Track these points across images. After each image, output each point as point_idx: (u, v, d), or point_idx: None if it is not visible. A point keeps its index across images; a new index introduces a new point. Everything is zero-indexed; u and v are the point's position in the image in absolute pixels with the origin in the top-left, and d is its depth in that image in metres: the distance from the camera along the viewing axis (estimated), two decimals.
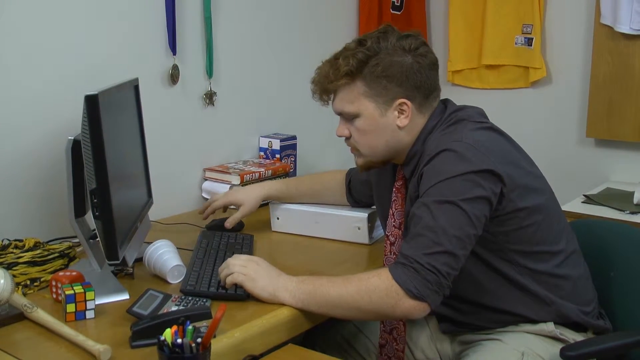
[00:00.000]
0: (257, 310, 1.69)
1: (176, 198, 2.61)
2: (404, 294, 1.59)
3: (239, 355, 1.53)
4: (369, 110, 1.78)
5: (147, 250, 1.91)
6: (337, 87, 1.79)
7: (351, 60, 1.75)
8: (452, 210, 1.62)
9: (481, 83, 3.54)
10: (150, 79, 2.45)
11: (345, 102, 1.79)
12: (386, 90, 1.76)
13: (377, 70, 1.75)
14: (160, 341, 1.29)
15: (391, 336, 1.91)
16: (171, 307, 1.64)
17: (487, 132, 1.77)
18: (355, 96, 1.78)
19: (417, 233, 1.63)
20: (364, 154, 1.84)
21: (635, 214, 2.69)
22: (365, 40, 1.78)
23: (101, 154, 1.62)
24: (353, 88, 1.77)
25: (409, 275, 1.59)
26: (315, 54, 3.15)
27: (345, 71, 1.76)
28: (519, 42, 3.38)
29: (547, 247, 1.78)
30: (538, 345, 1.76)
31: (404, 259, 1.62)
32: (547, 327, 1.78)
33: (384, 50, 1.76)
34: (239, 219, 2.20)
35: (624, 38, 3.08)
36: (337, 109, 1.83)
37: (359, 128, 1.80)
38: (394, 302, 1.60)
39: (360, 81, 1.76)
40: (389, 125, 1.79)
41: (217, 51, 2.69)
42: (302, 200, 2.27)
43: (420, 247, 1.61)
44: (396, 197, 1.89)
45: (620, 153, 3.26)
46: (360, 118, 1.79)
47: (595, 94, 3.20)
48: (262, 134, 2.94)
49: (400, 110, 1.79)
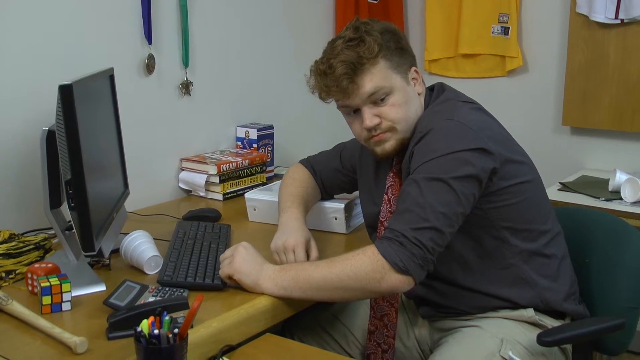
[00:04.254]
0: (235, 300, 1.69)
1: (153, 188, 2.60)
2: (390, 267, 1.60)
3: (216, 345, 1.53)
4: (399, 82, 1.79)
5: (124, 241, 1.90)
6: (370, 64, 1.74)
7: (374, 37, 1.75)
8: (441, 188, 1.63)
9: (458, 72, 3.55)
10: (125, 69, 2.43)
11: (378, 80, 1.75)
12: (403, 61, 1.80)
13: (390, 44, 1.78)
14: (137, 332, 1.29)
15: (382, 322, 1.91)
16: (148, 298, 1.63)
17: (478, 112, 1.81)
18: (386, 72, 1.77)
19: (405, 209, 1.65)
20: (400, 129, 1.79)
21: (610, 201, 2.72)
22: (358, 28, 1.77)
23: (76, 145, 1.61)
24: (378, 66, 1.76)
25: (394, 248, 1.61)
26: (292, 43, 3.17)
27: (378, 45, 1.74)
28: (495, 31, 3.39)
29: (536, 226, 1.81)
30: (516, 332, 1.77)
31: (390, 233, 1.63)
32: (526, 313, 1.80)
33: (380, 29, 1.78)
34: (317, 251, 1.93)
35: (599, 27, 3.10)
36: (369, 90, 1.75)
37: (394, 104, 1.78)
38: (380, 276, 1.61)
39: (382, 58, 1.76)
40: (414, 94, 1.83)
41: (193, 40, 2.68)
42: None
43: (407, 221, 1.62)
44: (393, 181, 1.89)
45: (595, 141, 3.29)
46: (394, 92, 1.78)
47: (571, 82, 3.23)
48: (239, 124, 2.93)
49: (413, 78, 1.84)
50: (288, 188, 2.09)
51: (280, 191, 2.11)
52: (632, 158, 3.18)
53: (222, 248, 1.96)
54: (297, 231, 1.91)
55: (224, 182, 2.62)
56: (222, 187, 2.62)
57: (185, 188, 2.70)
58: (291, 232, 1.90)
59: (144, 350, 1.28)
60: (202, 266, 1.83)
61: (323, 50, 1.82)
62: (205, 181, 2.63)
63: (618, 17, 3.02)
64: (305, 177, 2.15)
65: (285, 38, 3.15)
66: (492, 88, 3.47)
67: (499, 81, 3.47)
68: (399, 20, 3.59)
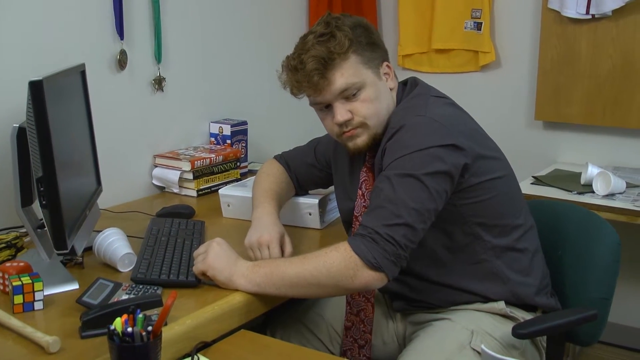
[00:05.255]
0: (209, 296, 1.69)
1: (126, 185, 2.58)
2: (363, 264, 1.61)
3: (191, 342, 1.52)
4: (370, 77, 1.79)
5: (97, 238, 1.88)
6: (341, 59, 1.74)
7: (344, 32, 1.74)
8: (413, 184, 1.64)
9: (431, 67, 3.56)
10: (97, 65, 2.41)
11: (349, 76, 1.75)
12: (374, 56, 1.81)
13: (361, 39, 1.77)
14: (110, 330, 1.27)
15: (358, 318, 1.91)
16: (122, 295, 1.62)
17: (450, 108, 1.81)
18: (357, 67, 1.77)
19: (377, 205, 1.65)
20: (372, 125, 1.79)
21: (582, 194, 2.75)
22: (329, 23, 1.77)
23: (47, 142, 1.59)
24: (349, 61, 1.76)
25: (367, 245, 1.61)
26: (266, 38, 3.16)
27: (349, 40, 1.74)
28: (468, 27, 3.41)
29: (508, 221, 1.81)
30: (487, 323, 1.78)
31: (363, 230, 1.64)
32: (497, 306, 1.81)
33: (351, 24, 1.78)
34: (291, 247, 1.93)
35: (571, 22, 3.12)
36: (340, 86, 1.75)
37: (365, 99, 1.77)
38: (353, 273, 1.61)
39: (353, 53, 1.76)
40: (386, 89, 1.84)
41: (165, 36, 2.66)
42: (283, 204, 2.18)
43: (380, 218, 1.63)
44: (367, 176, 1.89)
45: (567, 135, 3.32)
46: (365, 88, 1.77)
47: (543, 77, 3.25)
48: (213, 120, 2.92)
49: (385, 73, 1.84)
50: (262, 184, 2.09)
51: (254, 187, 2.10)
52: (604, 152, 3.22)
53: (196, 244, 1.95)
54: (271, 227, 1.91)
55: (197, 178, 2.61)
56: (195, 183, 2.61)
57: (159, 185, 2.69)
58: (265, 228, 1.90)
59: (117, 349, 1.27)
60: (176, 263, 1.82)
61: (295, 45, 1.81)
62: (178, 177, 2.61)
63: (589, 12, 3.04)
64: (279, 173, 2.15)
65: (259, 33, 3.14)
66: (465, 83, 3.48)
67: (472, 76, 3.49)
68: (372, 15, 3.59)
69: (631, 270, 3.26)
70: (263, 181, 2.10)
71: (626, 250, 3.41)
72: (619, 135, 3.18)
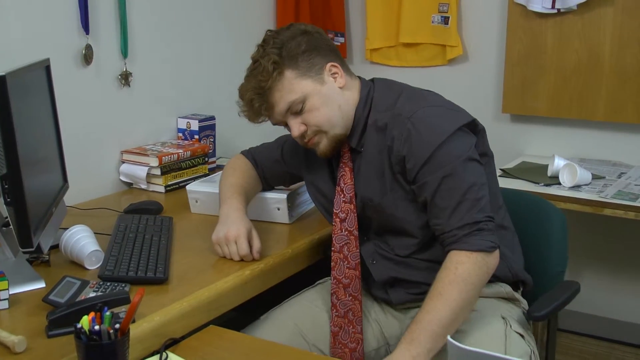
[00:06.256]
0: (177, 293, 1.68)
1: (93, 182, 2.55)
2: (487, 254, 1.68)
3: (159, 339, 1.51)
4: (309, 87, 1.81)
5: (64, 236, 1.86)
6: (273, 83, 1.79)
7: (269, 56, 1.80)
8: (469, 165, 1.74)
9: (399, 61, 3.57)
10: (62, 60, 2.38)
11: (287, 94, 1.80)
12: (311, 63, 1.82)
13: (295, 51, 1.80)
14: (77, 329, 1.26)
15: (346, 319, 1.89)
16: (89, 293, 1.61)
17: (432, 94, 1.91)
18: (291, 83, 1.80)
19: (457, 202, 1.70)
20: (327, 129, 1.83)
21: (549, 186, 2.78)
22: (266, 42, 1.84)
23: (11, 138, 1.57)
24: (284, 79, 1.80)
25: (479, 237, 1.68)
26: (233, 33, 3.14)
27: (273, 63, 1.78)
28: (435, 21, 3.42)
29: (495, 199, 1.89)
30: (504, 309, 1.84)
31: (465, 230, 1.68)
32: (504, 289, 1.88)
33: (286, 38, 1.82)
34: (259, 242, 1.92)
35: (537, 17, 3.15)
36: (283, 107, 1.81)
37: (311, 108, 1.81)
38: (486, 267, 1.69)
39: (287, 69, 1.80)
40: (333, 90, 1.84)
41: (132, 30, 2.64)
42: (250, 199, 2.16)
43: (469, 211, 1.70)
44: (344, 171, 1.90)
45: (534, 128, 3.35)
46: (308, 99, 1.81)
47: (510, 71, 3.28)
48: (180, 115, 2.90)
49: (333, 73, 1.85)
50: (228, 179, 2.08)
51: (221, 182, 2.10)
52: (570, 144, 3.26)
53: (164, 241, 1.95)
54: (238, 222, 1.91)
55: (165, 174, 2.59)
56: (163, 179, 2.59)
57: (126, 181, 2.67)
58: (232, 223, 1.90)
59: (84, 347, 1.26)
60: (144, 259, 1.80)
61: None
62: (146, 173, 2.59)
63: (555, 6, 3.07)
64: (246, 168, 2.15)
65: (227, 27, 3.12)
66: (433, 77, 3.49)
67: (440, 70, 3.50)
68: (340, 9, 3.59)
69: (595, 257, 3.31)
70: (230, 176, 2.10)
71: (590, 239, 3.46)
72: (585, 128, 3.22)
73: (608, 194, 2.66)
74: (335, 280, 1.91)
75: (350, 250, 1.90)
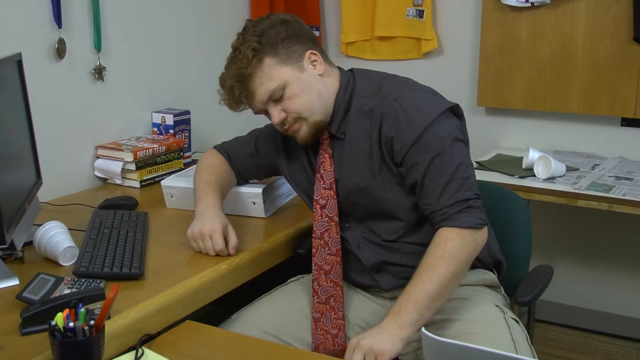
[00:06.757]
0: (153, 288, 1.67)
1: (67, 178, 2.53)
2: (475, 230, 1.72)
3: (135, 335, 1.51)
4: (289, 74, 1.82)
5: (37, 232, 1.85)
6: (252, 70, 1.80)
7: (249, 44, 1.80)
8: (456, 146, 1.78)
9: (374, 54, 3.57)
10: (34, 54, 2.35)
11: (267, 81, 1.81)
12: (291, 50, 1.83)
13: (274, 39, 1.82)
14: (52, 326, 1.26)
15: (328, 305, 1.89)
16: (64, 290, 1.59)
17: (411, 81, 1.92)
18: (271, 70, 1.81)
19: (446, 182, 1.74)
20: (307, 116, 1.84)
21: (524, 178, 2.80)
22: (246, 30, 1.85)
23: None
24: (264, 67, 1.81)
25: (468, 214, 1.72)
26: (208, 26, 3.13)
27: (252, 50, 1.79)
28: (410, 14, 3.42)
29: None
30: (491, 296, 1.89)
31: (455, 207, 1.72)
32: (488, 277, 1.92)
33: (266, 27, 1.83)
34: (235, 237, 1.91)
35: (511, 10, 3.16)
36: (264, 94, 1.82)
37: (291, 95, 1.82)
38: (474, 243, 1.72)
39: (266, 56, 1.81)
40: (313, 77, 1.85)
41: (105, 24, 2.61)
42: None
43: (457, 189, 1.73)
44: (324, 158, 1.91)
45: (509, 120, 3.37)
46: (288, 86, 1.82)
47: (485, 64, 3.29)
48: (155, 109, 2.88)
49: (312, 61, 1.86)
50: (203, 175, 2.08)
51: (195, 179, 2.09)
52: (545, 136, 3.28)
53: (140, 236, 1.93)
54: (214, 218, 1.91)
55: (140, 169, 2.58)
56: (139, 174, 2.57)
57: (101, 176, 2.65)
58: (208, 219, 1.90)
59: (59, 345, 1.25)
60: (119, 255, 1.79)
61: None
62: (121, 169, 2.57)
63: (528, 0, 3.09)
64: (220, 163, 2.14)
65: (201, 21, 3.10)
66: (409, 70, 3.45)
67: (415, 63, 3.51)
68: (315, 2, 3.58)
69: (569, 248, 3.34)
70: (204, 172, 2.09)
71: (565, 230, 3.49)
72: (559, 120, 3.25)
73: (582, 185, 2.69)
74: (317, 266, 1.91)
75: (331, 237, 1.90)
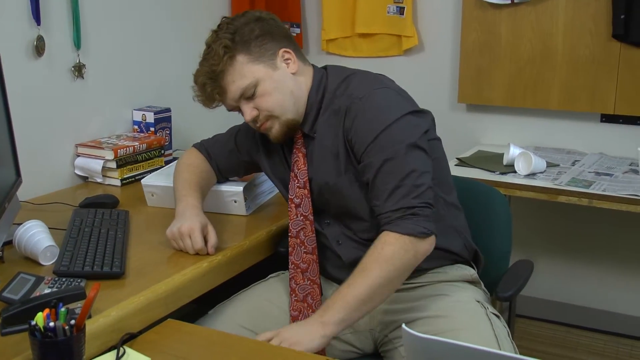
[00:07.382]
0: (134, 287, 1.67)
1: (47, 176, 2.51)
2: (417, 239, 1.69)
3: (116, 334, 1.50)
4: (261, 72, 1.83)
5: (17, 231, 1.83)
6: (224, 67, 1.81)
7: (221, 41, 1.81)
8: (413, 152, 1.74)
9: (355, 51, 3.57)
10: (12, 51, 2.33)
11: (239, 79, 1.82)
12: (264, 48, 1.84)
13: (248, 36, 1.82)
14: (32, 326, 1.25)
15: (305, 304, 1.90)
16: (44, 289, 1.58)
17: (385, 78, 1.92)
18: (243, 67, 1.82)
19: (395, 186, 1.71)
20: (279, 114, 1.84)
21: (505, 174, 2.81)
22: (220, 27, 1.86)
23: None
24: (236, 64, 1.82)
25: (411, 222, 1.68)
26: (188, 23, 3.11)
27: (224, 47, 1.80)
28: (391, 11, 3.43)
29: (449, 180, 1.94)
30: (472, 292, 1.88)
31: (399, 213, 1.69)
32: (469, 272, 1.92)
33: (240, 24, 1.84)
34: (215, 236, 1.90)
35: (491, 7, 3.18)
36: (236, 92, 1.83)
37: (263, 93, 1.83)
38: (413, 251, 1.69)
39: (239, 54, 1.82)
40: (285, 76, 1.86)
41: (84, 21, 2.59)
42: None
43: (406, 195, 1.70)
44: (297, 157, 1.91)
45: (490, 117, 3.38)
46: (260, 84, 1.82)
47: (465, 61, 3.30)
48: (135, 107, 2.87)
49: (286, 59, 1.87)
50: (182, 174, 2.07)
51: (175, 178, 2.08)
52: (525, 133, 3.30)
53: (121, 235, 1.92)
54: (193, 217, 1.90)
55: (121, 167, 2.57)
56: (119, 172, 2.56)
57: (82, 175, 2.63)
58: (187, 219, 1.89)
59: (39, 345, 1.24)
60: (100, 254, 1.78)
61: None
62: (102, 167, 2.56)
63: None
64: (200, 162, 2.14)
65: (181, 18, 3.09)
66: (389, 67, 3.50)
67: (396, 60, 3.52)
68: (296, 0, 3.58)
69: (550, 243, 3.37)
70: (184, 172, 2.08)
71: (545, 226, 3.51)
72: (540, 117, 3.27)
73: (562, 181, 2.70)
74: (293, 265, 1.91)
75: (307, 235, 1.91)
